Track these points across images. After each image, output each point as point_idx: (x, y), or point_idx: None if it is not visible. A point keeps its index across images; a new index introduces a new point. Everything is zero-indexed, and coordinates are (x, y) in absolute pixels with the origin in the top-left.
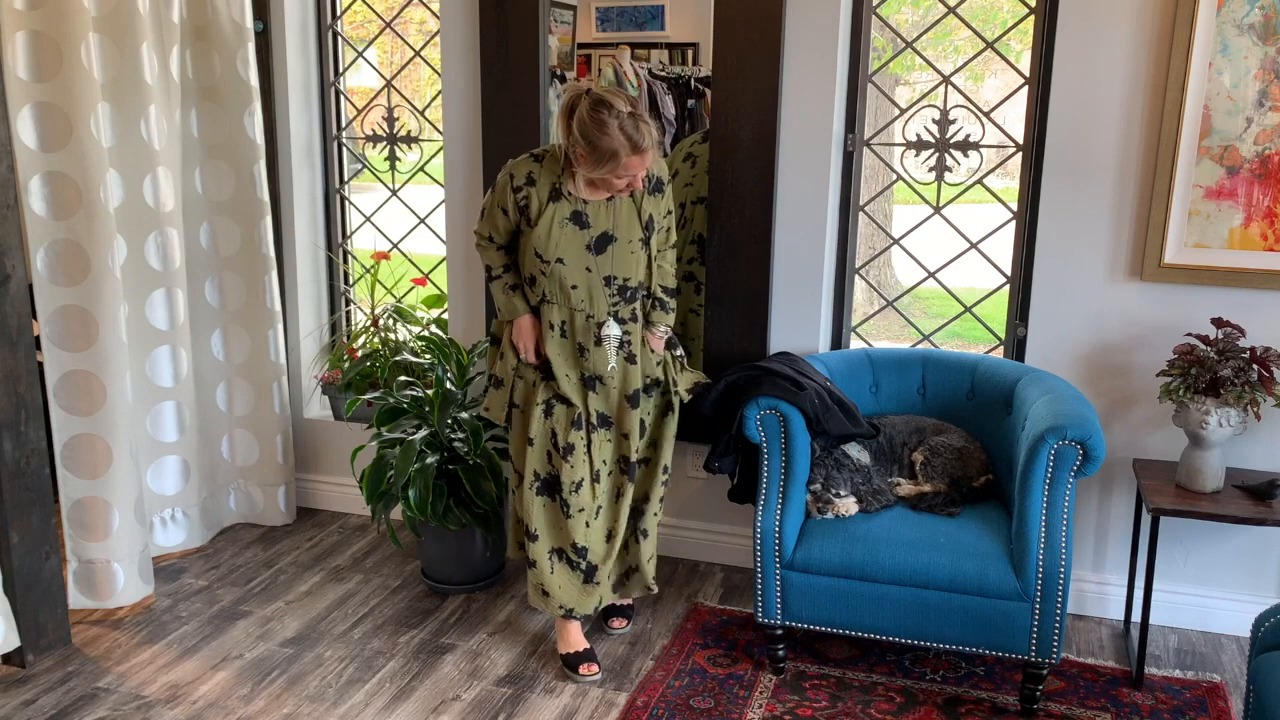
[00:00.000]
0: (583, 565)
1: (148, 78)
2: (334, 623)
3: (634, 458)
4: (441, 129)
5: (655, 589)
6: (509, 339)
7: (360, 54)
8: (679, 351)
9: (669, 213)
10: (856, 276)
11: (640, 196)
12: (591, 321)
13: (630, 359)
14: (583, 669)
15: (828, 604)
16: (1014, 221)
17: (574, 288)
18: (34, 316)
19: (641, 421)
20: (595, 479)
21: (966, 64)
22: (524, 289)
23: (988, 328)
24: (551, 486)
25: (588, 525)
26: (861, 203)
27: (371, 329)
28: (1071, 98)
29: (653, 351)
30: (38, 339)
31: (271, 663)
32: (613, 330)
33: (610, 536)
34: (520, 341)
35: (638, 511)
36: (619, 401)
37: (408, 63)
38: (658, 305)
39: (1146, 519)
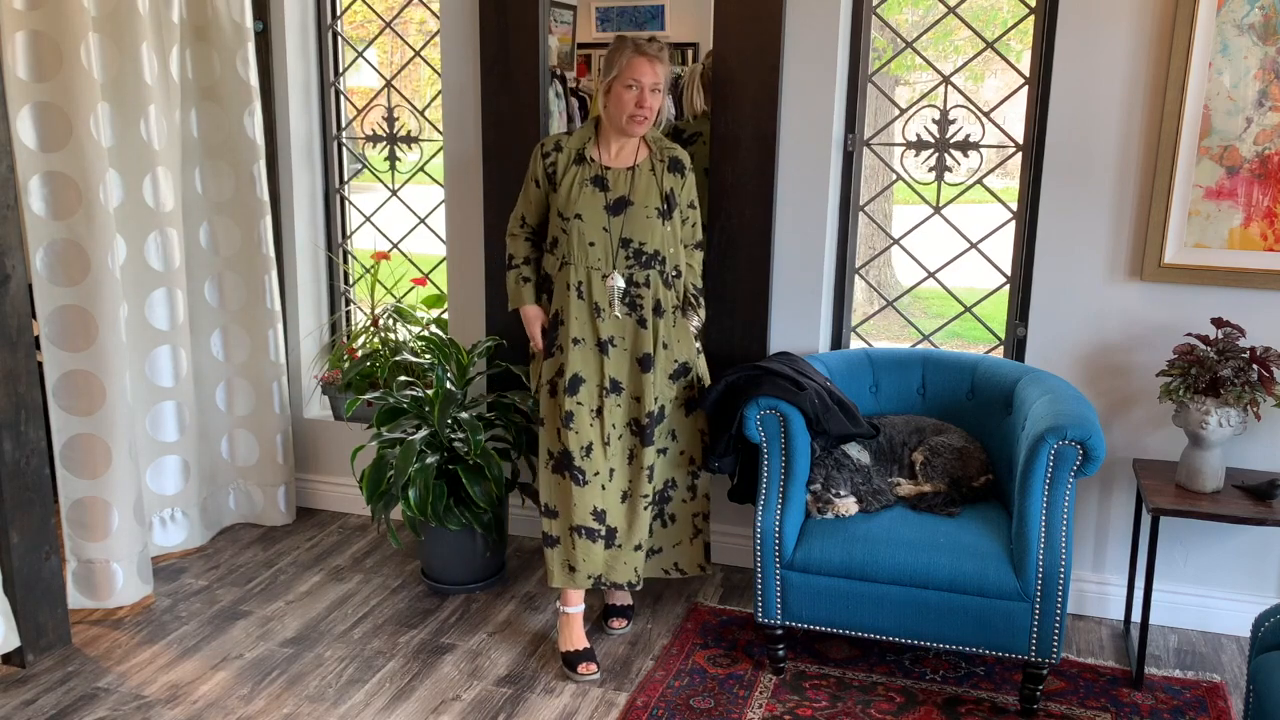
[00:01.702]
0: (602, 531)
1: (147, 78)
2: (334, 623)
3: (645, 421)
4: (441, 129)
5: (669, 575)
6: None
7: (360, 54)
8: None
9: (693, 205)
10: (856, 276)
11: (661, 171)
12: (606, 280)
13: (641, 323)
14: (581, 668)
15: (828, 604)
16: (1014, 221)
17: (591, 245)
18: (34, 316)
19: (662, 408)
20: (606, 441)
21: (966, 64)
22: (536, 281)
23: (988, 328)
24: (563, 463)
25: (603, 488)
26: (861, 203)
27: (371, 329)
28: (1071, 97)
29: (695, 330)
30: (37, 339)
31: (271, 663)
32: (617, 281)
33: (626, 498)
34: (529, 329)
35: (664, 497)
36: (630, 365)
37: (408, 63)
38: (689, 303)
39: (1146, 519)
